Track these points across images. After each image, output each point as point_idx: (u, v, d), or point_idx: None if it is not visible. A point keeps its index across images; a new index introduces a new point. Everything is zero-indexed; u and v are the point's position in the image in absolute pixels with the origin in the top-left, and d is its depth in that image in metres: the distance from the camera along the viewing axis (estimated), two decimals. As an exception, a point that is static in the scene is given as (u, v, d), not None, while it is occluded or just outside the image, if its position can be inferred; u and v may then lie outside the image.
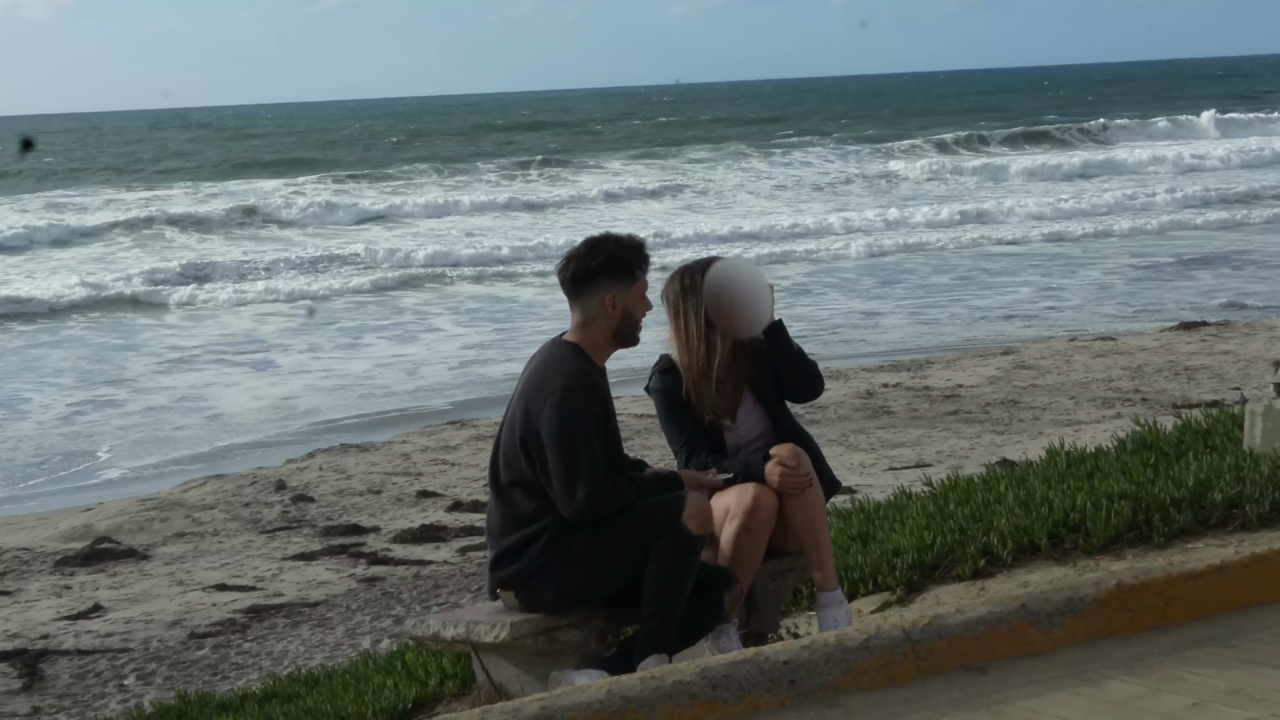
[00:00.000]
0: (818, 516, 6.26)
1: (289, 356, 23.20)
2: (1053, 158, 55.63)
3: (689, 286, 6.32)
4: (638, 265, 5.98)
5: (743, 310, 6.27)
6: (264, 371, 21.98)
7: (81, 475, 16.00)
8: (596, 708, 4.88)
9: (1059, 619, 5.66)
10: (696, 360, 6.35)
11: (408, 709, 6.80)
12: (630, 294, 5.96)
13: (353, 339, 24.77)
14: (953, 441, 14.03)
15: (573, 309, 6.01)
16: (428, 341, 24.12)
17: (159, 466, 16.13)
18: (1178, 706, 5.03)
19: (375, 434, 16.49)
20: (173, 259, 35.36)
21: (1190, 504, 7.06)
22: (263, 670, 9.12)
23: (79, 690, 9.10)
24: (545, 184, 53.39)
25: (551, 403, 5.79)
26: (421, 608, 10.04)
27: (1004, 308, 24.89)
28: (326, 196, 48.51)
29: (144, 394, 20.36)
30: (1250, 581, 6.06)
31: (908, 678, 5.33)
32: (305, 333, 25.66)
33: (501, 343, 23.42)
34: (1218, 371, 16.69)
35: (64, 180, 62.48)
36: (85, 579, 11.31)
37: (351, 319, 27.02)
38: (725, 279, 6.26)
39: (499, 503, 6.00)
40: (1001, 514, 7.35)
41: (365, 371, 21.48)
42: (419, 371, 21.29)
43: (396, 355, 22.81)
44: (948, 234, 36.03)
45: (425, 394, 19.63)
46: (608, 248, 5.97)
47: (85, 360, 23.59)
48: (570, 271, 5.97)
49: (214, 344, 24.82)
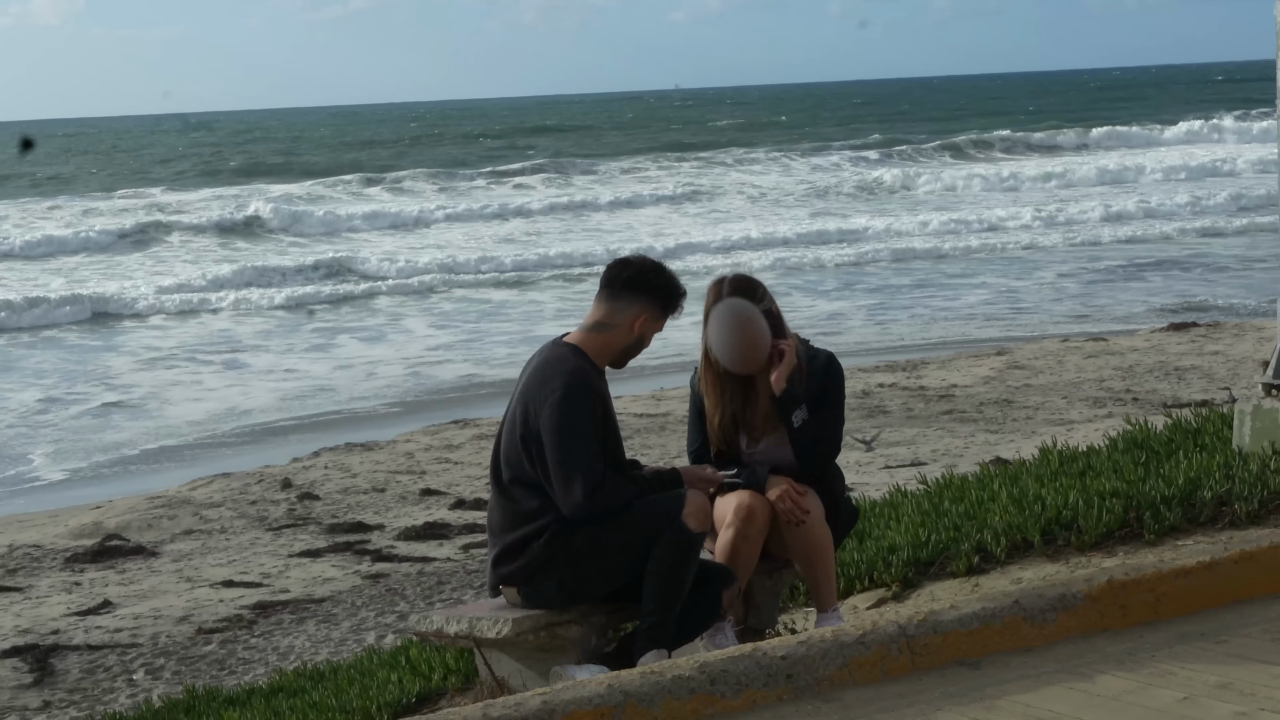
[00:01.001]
0: (817, 549, 6.27)
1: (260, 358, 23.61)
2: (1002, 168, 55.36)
3: (708, 308, 6.35)
4: (673, 308, 6.09)
5: (726, 353, 6.28)
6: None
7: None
8: (597, 702, 4.91)
9: (1052, 615, 5.69)
10: (708, 389, 6.41)
11: (411, 703, 6.84)
12: (654, 325, 6.06)
13: (326, 339, 25.20)
14: (947, 440, 14.09)
15: (598, 307, 6.05)
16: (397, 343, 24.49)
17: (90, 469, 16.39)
18: (1168, 701, 5.06)
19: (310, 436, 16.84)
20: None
21: (1180, 502, 7.09)
22: (269, 665, 9.18)
23: (89, 685, 9.18)
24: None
25: (551, 402, 5.84)
26: (425, 604, 10.10)
27: (969, 308, 25.95)
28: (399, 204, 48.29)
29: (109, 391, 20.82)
30: (1239, 578, 6.10)
31: (903, 673, 5.36)
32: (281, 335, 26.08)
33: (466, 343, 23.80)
34: (1207, 371, 16.75)
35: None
36: (95, 575, 11.39)
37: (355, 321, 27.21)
38: (715, 324, 6.27)
39: (501, 500, 6.04)
40: (995, 512, 7.39)
41: (325, 373, 21.90)
42: (377, 372, 21.73)
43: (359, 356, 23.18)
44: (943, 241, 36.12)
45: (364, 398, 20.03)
46: (665, 277, 6.08)
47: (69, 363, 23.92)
48: (628, 274, 6.03)
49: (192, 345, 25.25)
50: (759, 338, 6.26)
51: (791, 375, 6.30)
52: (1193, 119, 72.76)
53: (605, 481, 5.85)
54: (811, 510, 6.25)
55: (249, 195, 51.14)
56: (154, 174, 68.83)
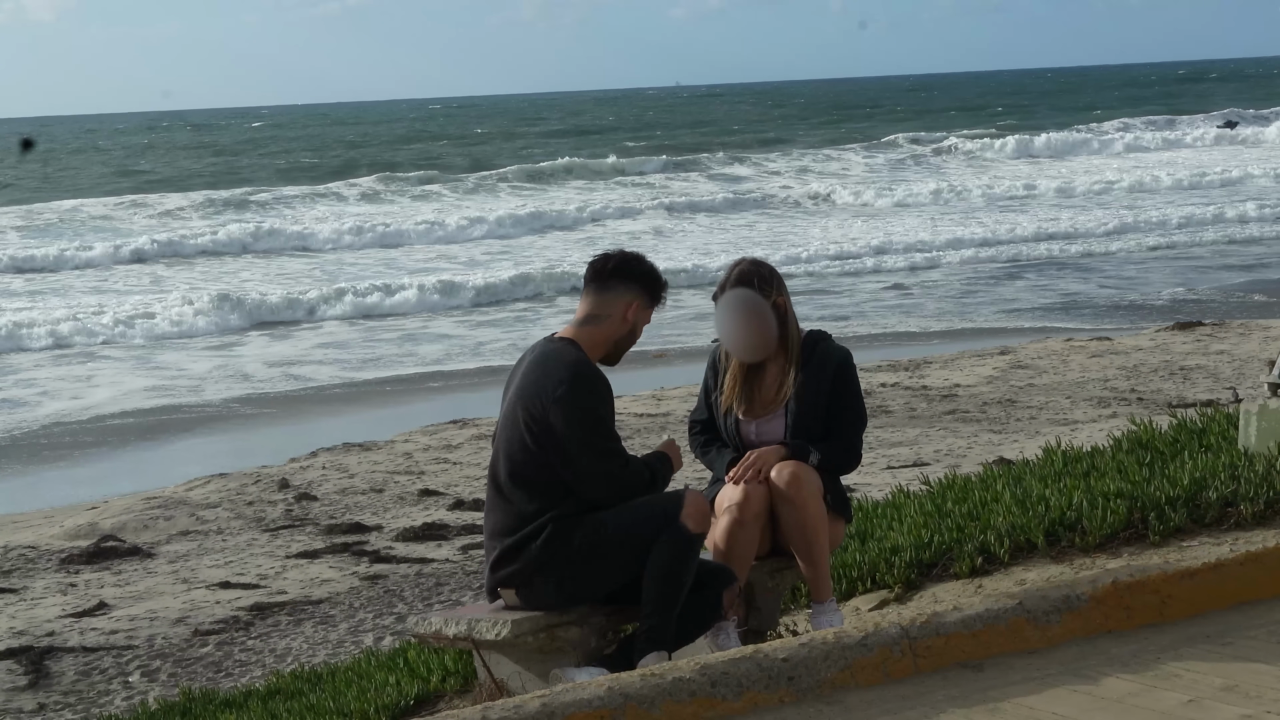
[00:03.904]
0: (809, 528, 6.26)
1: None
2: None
3: (716, 294, 6.53)
4: (661, 296, 6.20)
5: (728, 340, 6.47)
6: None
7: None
8: (597, 704, 4.91)
9: (1056, 616, 5.69)
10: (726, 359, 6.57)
11: (410, 706, 6.84)
12: (644, 314, 6.14)
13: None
14: (950, 440, 14.07)
15: (586, 300, 6.10)
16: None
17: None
18: (1173, 703, 5.05)
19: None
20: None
21: (1186, 502, 7.07)
22: (266, 667, 9.16)
23: (84, 687, 9.15)
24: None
25: (561, 393, 5.85)
26: (424, 605, 10.08)
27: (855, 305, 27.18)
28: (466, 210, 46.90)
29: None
30: (1245, 579, 6.10)
31: (905, 675, 5.36)
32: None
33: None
34: (1213, 371, 16.73)
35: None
36: (90, 577, 11.36)
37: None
38: (720, 312, 6.44)
39: (498, 503, 6.04)
40: (999, 512, 7.37)
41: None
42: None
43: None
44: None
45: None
46: (649, 265, 6.19)
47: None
48: (613, 264, 6.10)
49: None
50: (761, 328, 6.36)
51: (778, 357, 6.47)
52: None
53: (630, 461, 5.98)
54: (804, 486, 6.24)
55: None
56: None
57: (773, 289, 6.41)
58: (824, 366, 6.43)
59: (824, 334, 6.57)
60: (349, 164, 66.69)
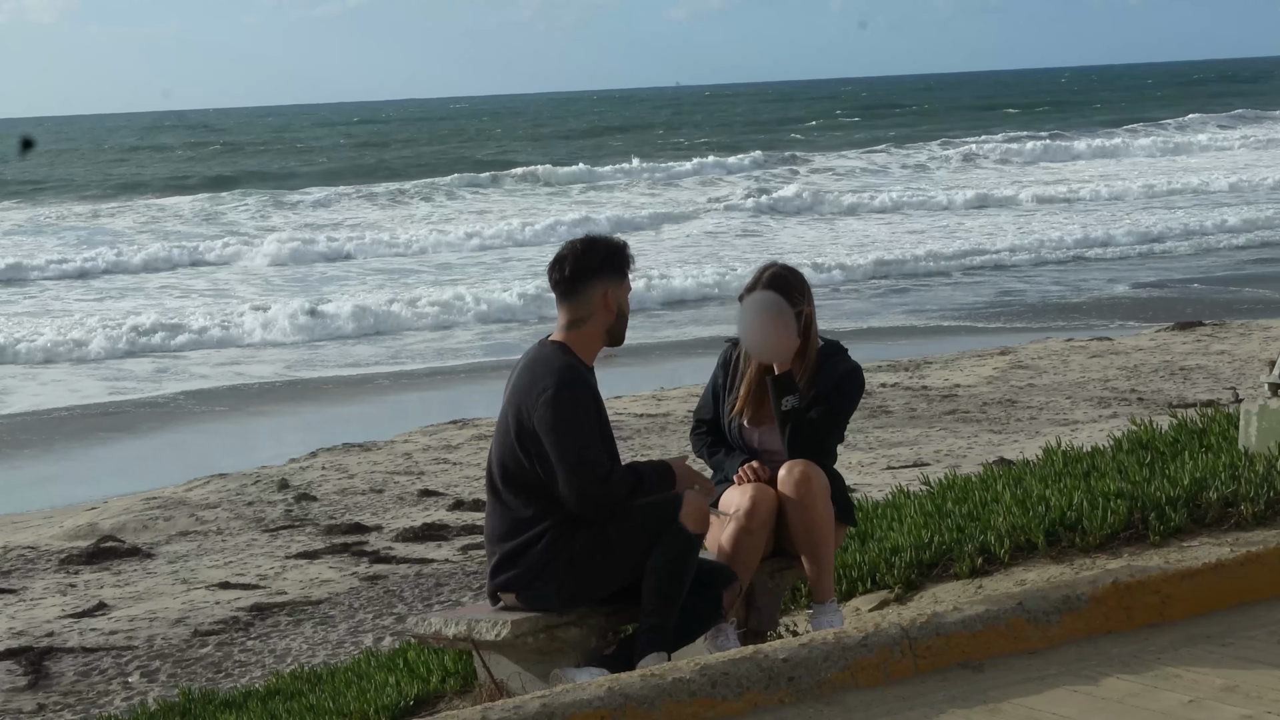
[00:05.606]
0: (815, 529, 6.27)
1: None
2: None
3: (742, 294, 6.52)
4: (628, 264, 6.09)
5: (748, 342, 6.45)
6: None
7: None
8: (597, 705, 4.91)
9: (1056, 617, 5.69)
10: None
11: (410, 706, 6.83)
12: (622, 290, 6.06)
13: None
14: (950, 441, 14.06)
15: (563, 309, 6.04)
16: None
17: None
18: (1174, 703, 5.06)
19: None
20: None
21: (1186, 503, 7.07)
22: (266, 668, 9.15)
23: (83, 688, 9.14)
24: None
25: (546, 398, 5.83)
26: (423, 606, 10.07)
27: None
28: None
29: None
30: (1245, 579, 6.10)
31: (906, 675, 5.36)
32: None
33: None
34: (1213, 371, 16.74)
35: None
36: (90, 577, 11.35)
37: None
38: (743, 313, 6.42)
39: (497, 508, 6.03)
40: (999, 513, 7.36)
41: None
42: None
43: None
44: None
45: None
46: (601, 246, 6.06)
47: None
48: (568, 270, 6.00)
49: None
50: (784, 334, 6.34)
51: (794, 366, 6.44)
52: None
53: (613, 472, 5.86)
54: (814, 487, 6.26)
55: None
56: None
57: (801, 297, 6.43)
58: (829, 379, 6.45)
59: (839, 346, 6.58)
60: (460, 160, 66.19)
